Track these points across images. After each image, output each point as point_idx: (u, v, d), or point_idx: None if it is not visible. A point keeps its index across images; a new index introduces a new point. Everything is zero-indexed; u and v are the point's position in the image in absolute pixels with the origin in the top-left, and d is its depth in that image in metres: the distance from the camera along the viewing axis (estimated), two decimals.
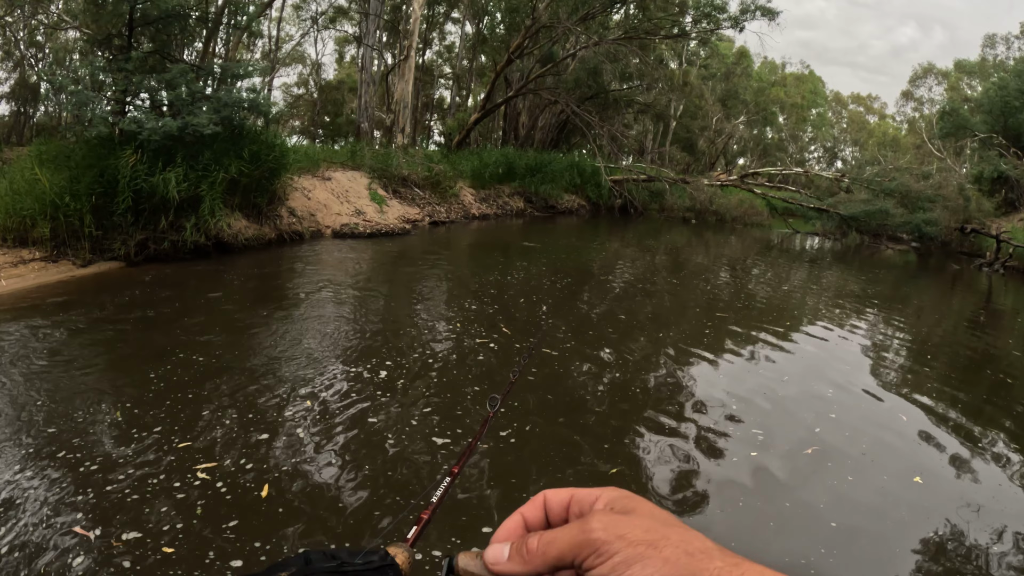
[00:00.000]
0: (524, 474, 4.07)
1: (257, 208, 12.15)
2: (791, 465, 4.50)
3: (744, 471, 4.34)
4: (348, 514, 3.53)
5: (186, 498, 3.53)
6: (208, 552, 3.09)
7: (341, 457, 4.13)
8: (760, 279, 13.16)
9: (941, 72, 47.17)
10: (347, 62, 41.66)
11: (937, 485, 4.37)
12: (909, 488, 4.28)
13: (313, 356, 6.05)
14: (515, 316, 8.00)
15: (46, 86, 19.24)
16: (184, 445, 4.12)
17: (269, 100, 14.81)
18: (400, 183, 17.97)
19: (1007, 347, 8.90)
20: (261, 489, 3.64)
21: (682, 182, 25.33)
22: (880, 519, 3.84)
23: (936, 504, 4.08)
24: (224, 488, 3.65)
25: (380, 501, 3.67)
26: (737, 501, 3.96)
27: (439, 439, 4.45)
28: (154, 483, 3.65)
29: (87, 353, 5.82)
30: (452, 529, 3.40)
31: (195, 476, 3.76)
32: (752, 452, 4.61)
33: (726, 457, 4.52)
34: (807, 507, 3.95)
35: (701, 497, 3.97)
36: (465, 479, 3.91)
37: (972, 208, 19.96)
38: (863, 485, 4.24)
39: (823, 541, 3.56)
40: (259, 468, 3.90)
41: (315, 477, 3.88)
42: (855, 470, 4.44)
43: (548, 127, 30.08)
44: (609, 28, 24.89)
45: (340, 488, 3.78)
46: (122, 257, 9.56)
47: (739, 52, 43.76)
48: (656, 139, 40.20)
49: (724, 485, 4.13)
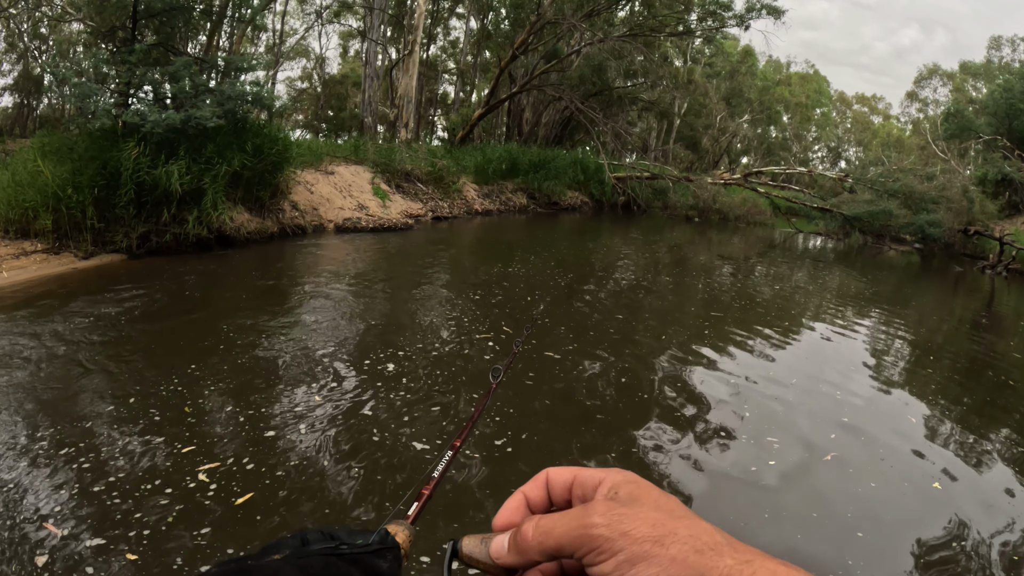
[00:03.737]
0: (522, 479, 4.04)
1: (260, 202, 12.14)
2: (813, 473, 4.42)
3: (766, 482, 4.24)
4: (340, 514, 3.52)
5: (177, 494, 3.52)
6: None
7: (341, 452, 4.12)
8: (763, 279, 13.14)
9: (946, 73, 47.00)
10: (351, 57, 41.61)
11: (956, 491, 4.32)
12: (930, 495, 4.25)
13: (316, 350, 6.04)
14: (516, 314, 7.98)
15: (49, 78, 19.23)
16: (180, 442, 4.11)
17: (273, 94, 14.78)
18: (403, 178, 17.95)
19: (1008, 349, 8.89)
20: (244, 494, 3.59)
21: (685, 180, 25.28)
22: (906, 528, 3.81)
23: (957, 511, 4.03)
24: (215, 485, 3.64)
25: (374, 503, 3.66)
26: (763, 513, 3.86)
27: (438, 440, 4.44)
28: (144, 483, 3.65)
29: (86, 346, 5.81)
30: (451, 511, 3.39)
31: (192, 474, 3.75)
32: (771, 461, 4.50)
33: (745, 468, 4.39)
34: (834, 517, 3.85)
35: (723, 509, 3.87)
36: (463, 484, 3.90)
37: (976, 210, 19.90)
38: (887, 492, 4.20)
39: (852, 552, 3.50)
40: (257, 467, 3.90)
41: (314, 470, 3.87)
42: (877, 477, 4.39)
43: (552, 124, 30.03)
44: (614, 25, 24.81)
45: (333, 483, 3.78)
46: (124, 250, 9.55)
47: (744, 51, 43.61)
48: (660, 137, 40.12)
49: (746, 497, 4.02)
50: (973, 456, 4.95)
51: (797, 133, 53.89)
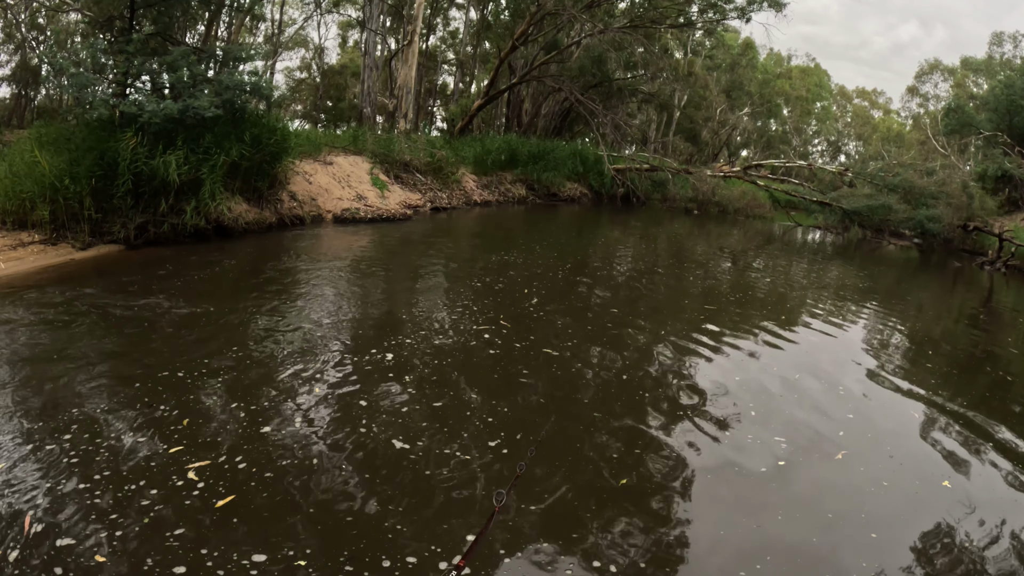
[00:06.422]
0: (523, 490, 3.94)
1: (258, 192, 12.09)
2: (826, 473, 4.40)
3: (777, 482, 4.21)
4: (319, 517, 3.52)
5: (174, 488, 3.53)
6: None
7: (335, 453, 4.12)
8: (762, 272, 13.14)
9: (947, 69, 46.82)
10: (350, 47, 41.37)
11: (966, 489, 4.33)
12: (941, 494, 4.25)
13: (314, 342, 6.03)
14: (514, 308, 7.97)
15: (47, 68, 19.12)
16: (173, 437, 4.11)
17: (271, 84, 14.73)
18: (402, 168, 17.89)
19: (1006, 344, 8.91)
20: (227, 496, 3.56)
21: (685, 173, 25.22)
22: (920, 528, 3.81)
23: (969, 510, 4.04)
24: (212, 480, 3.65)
25: (357, 510, 3.66)
26: (775, 515, 3.83)
27: (433, 446, 4.44)
28: (128, 482, 3.65)
29: (82, 337, 5.80)
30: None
31: (181, 472, 3.75)
32: (780, 461, 4.47)
33: (754, 468, 4.35)
34: (849, 518, 3.83)
35: (735, 511, 3.82)
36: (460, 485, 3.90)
37: (975, 206, 19.84)
38: (898, 492, 4.20)
39: (868, 554, 3.50)
40: (249, 466, 3.90)
41: (303, 472, 3.87)
42: (887, 475, 4.39)
43: (551, 115, 29.93)
44: (614, 16, 24.65)
45: (318, 490, 3.78)
46: (122, 240, 9.52)
47: (745, 43, 43.42)
48: (659, 129, 39.99)
49: (757, 499, 4.00)
50: (980, 452, 4.95)
51: (797, 127, 53.77)
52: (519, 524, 3.49)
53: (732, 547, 3.49)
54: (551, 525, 3.52)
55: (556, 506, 3.71)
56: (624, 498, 3.86)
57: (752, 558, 3.36)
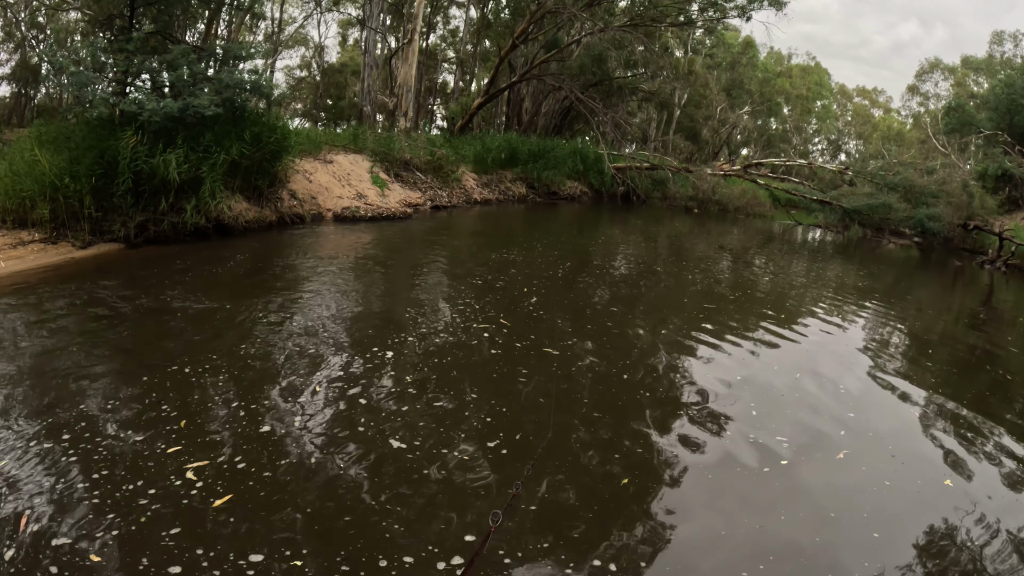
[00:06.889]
0: (524, 489, 3.87)
1: (258, 190, 12.08)
2: (828, 472, 4.39)
3: (780, 482, 4.19)
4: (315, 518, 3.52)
5: (177, 487, 3.52)
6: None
7: (333, 453, 4.12)
8: (762, 271, 13.13)
9: (948, 68, 46.78)
10: (350, 45, 41.36)
11: (968, 488, 4.33)
12: (943, 493, 4.25)
13: (314, 340, 6.03)
14: (514, 306, 7.96)
15: (47, 67, 19.07)
16: (172, 436, 4.11)
17: (271, 82, 14.70)
18: (402, 167, 17.88)
19: (1006, 344, 8.89)
20: (225, 495, 3.55)
21: (685, 171, 25.20)
22: (923, 527, 3.81)
23: (971, 509, 4.04)
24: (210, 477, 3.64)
25: (353, 508, 3.66)
26: (779, 515, 3.82)
27: (431, 446, 4.43)
28: (127, 481, 3.64)
29: (82, 336, 5.80)
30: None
31: (180, 472, 3.75)
32: (783, 460, 4.46)
33: (757, 468, 4.33)
34: (851, 518, 3.82)
35: (738, 513, 3.80)
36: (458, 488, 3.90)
37: (976, 205, 19.82)
38: (900, 491, 4.20)
39: (870, 553, 3.50)
40: (248, 466, 3.89)
41: (301, 472, 3.87)
42: (889, 475, 4.38)
43: (551, 113, 29.92)
44: (614, 15, 24.63)
45: (317, 488, 3.77)
46: (122, 239, 9.52)
47: (745, 42, 43.39)
48: (660, 127, 39.97)
49: (760, 499, 3.97)
50: (982, 452, 4.95)
51: (797, 125, 53.73)
52: (519, 524, 3.49)
53: (734, 547, 3.49)
54: (551, 524, 3.52)
55: (556, 505, 3.71)
56: (625, 498, 3.86)
57: (754, 558, 3.36)
